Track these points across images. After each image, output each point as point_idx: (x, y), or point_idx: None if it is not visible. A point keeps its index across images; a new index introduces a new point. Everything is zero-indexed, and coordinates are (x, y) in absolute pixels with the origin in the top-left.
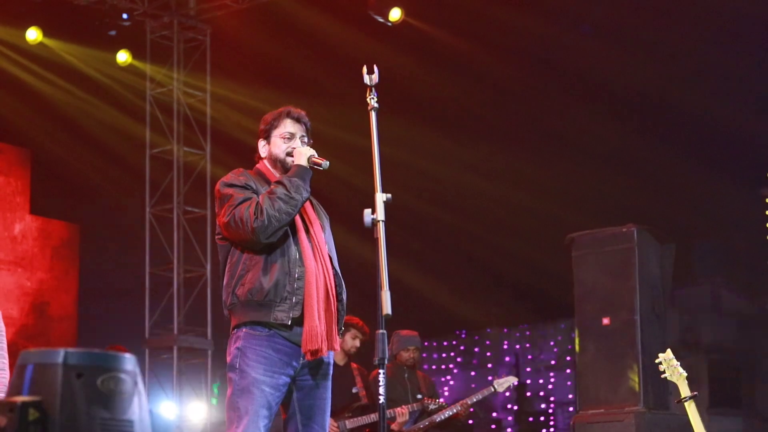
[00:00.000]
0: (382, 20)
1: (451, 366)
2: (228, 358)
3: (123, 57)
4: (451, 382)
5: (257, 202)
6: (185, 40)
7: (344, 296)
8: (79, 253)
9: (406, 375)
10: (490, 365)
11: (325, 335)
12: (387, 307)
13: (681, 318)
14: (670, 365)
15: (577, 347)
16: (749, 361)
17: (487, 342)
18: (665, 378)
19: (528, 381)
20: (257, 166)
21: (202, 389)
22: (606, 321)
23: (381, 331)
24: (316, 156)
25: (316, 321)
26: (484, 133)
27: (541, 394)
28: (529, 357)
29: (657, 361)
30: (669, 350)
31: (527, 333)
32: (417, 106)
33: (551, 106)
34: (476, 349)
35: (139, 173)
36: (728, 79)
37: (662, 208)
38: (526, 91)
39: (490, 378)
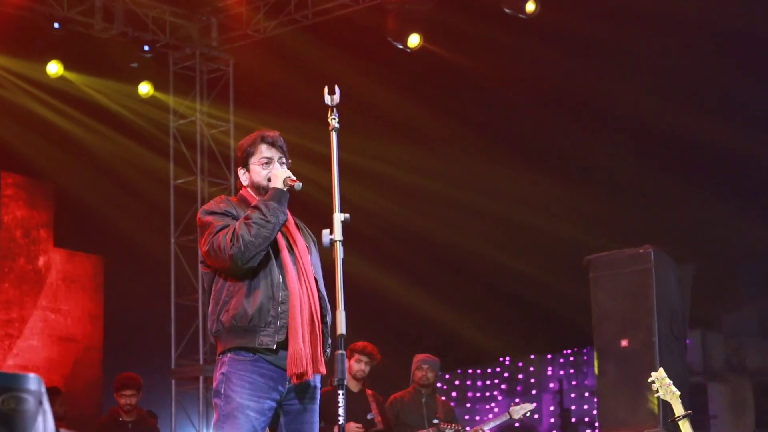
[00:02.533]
0: (401, 47)
1: (495, 393)
2: (214, 384)
3: (145, 89)
4: (496, 409)
5: (233, 229)
6: (208, 71)
7: (329, 319)
8: (104, 285)
9: (423, 399)
10: (534, 392)
11: (310, 358)
12: (341, 327)
13: (726, 342)
14: (663, 384)
15: (596, 369)
16: None
17: (531, 368)
18: (654, 396)
19: (573, 407)
20: (240, 192)
21: None
22: (624, 343)
23: (340, 351)
24: (292, 177)
25: (301, 344)
26: (501, 157)
27: (587, 419)
28: (573, 383)
29: (650, 380)
30: (661, 369)
31: (571, 359)
32: (430, 130)
33: (566, 131)
34: (520, 376)
35: (162, 205)
36: (751, 108)
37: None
38: (541, 116)
39: (534, 404)
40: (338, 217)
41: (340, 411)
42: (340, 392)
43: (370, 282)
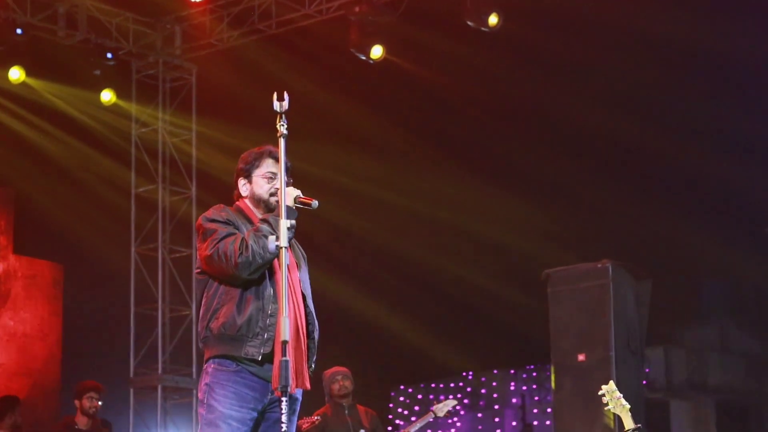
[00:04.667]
0: (364, 58)
1: (458, 408)
2: (200, 394)
3: (107, 96)
4: (458, 424)
5: (242, 238)
6: (171, 79)
7: (316, 334)
8: (63, 293)
9: (346, 411)
10: (496, 407)
11: (294, 372)
12: (284, 334)
13: (688, 358)
14: (613, 397)
15: (553, 384)
16: (757, 402)
17: (494, 384)
18: (609, 410)
19: (535, 422)
20: (237, 204)
21: (187, 428)
22: (581, 357)
23: (284, 358)
24: (302, 196)
25: (290, 360)
26: (461, 171)
27: None
28: (536, 398)
29: (600, 393)
30: (611, 382)
31: (534, 374)
32: (392, 142)
33: (526, 145)
34: (483, 391)
35: (123, 213)
36: (713, 126)
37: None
38: (501, 130)
39: (497, 420)
40: (284, 224)
41: (283, 418)
42: (284, 399)
43: (329, 296)
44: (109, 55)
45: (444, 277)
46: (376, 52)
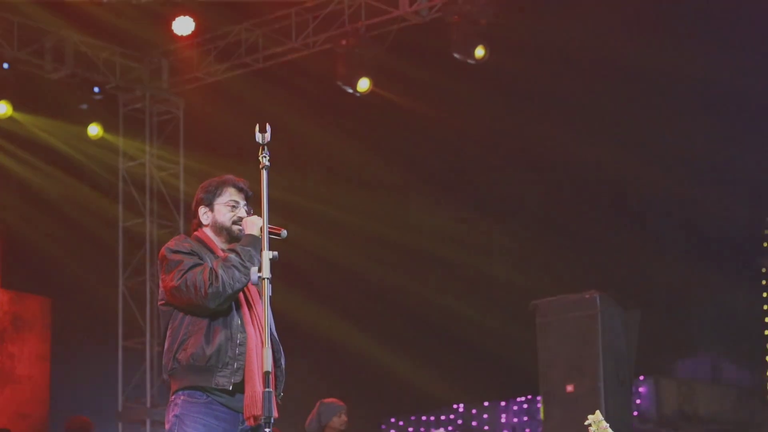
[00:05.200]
0: (351, 91)
1: None
2: (167, 426)
3: (95, 130)
4: None
5: (210, 269)
6: (158, 113)
7: (283, 362)
8: (51, 327)
9: None
10: None
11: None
12: (267, 364)
13: (679, 389)
14: (600, 427)
15: (542, 414)
16: None
17: (485, 416)
18: None
19: None
20: (196, 233)
21: None
22: (570, 388)
23: (267, 390)
24: (271, 225)
25: (258, 386)
26: (447, 202)
27: None
28: (527, 430)
29: (586, 423)
30: (598, 412)
31: (524, 406)
32: (380, 175)
33: (514, 177)
34: (474, 423)
35: (110, 247)
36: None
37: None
38: (488, 161)
39: None
40: (266, 255)
41: None
42: (267, 430)
43: (318, 327)
44: (96, 89)
45: (432, 307)
46: (363, 84)
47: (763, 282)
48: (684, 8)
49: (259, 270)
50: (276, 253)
